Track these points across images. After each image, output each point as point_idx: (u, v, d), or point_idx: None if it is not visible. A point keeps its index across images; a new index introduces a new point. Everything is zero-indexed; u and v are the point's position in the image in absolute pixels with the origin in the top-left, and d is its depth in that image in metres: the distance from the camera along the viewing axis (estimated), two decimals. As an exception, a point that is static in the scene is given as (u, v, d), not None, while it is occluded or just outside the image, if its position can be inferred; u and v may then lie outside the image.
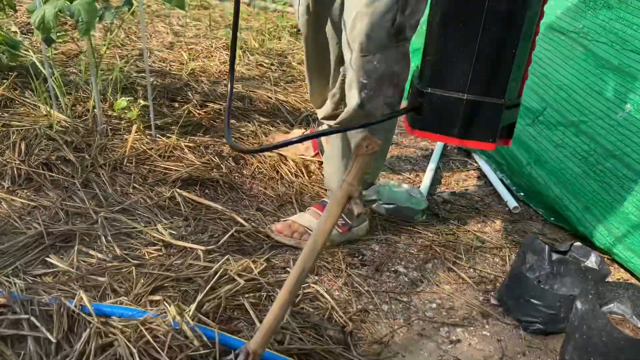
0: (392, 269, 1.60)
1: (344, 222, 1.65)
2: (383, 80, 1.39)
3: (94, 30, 1.79)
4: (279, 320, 1.04)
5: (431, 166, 2.19)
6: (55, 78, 1.93)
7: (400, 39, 1.35)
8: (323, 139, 2.05)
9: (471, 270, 1.65)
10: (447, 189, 2.13)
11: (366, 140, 0.96)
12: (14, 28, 2.53)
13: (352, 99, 1.46)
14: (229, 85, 1.46)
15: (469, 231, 1.84)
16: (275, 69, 2.87)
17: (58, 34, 1.85)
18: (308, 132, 2.11)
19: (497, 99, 0.98)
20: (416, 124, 1.05)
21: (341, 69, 1.86)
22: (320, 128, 2.09)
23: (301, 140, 1.12)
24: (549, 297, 1.38)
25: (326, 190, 1.95)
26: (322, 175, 2.04)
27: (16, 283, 1.21)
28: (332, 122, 2.01)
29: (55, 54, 2.44)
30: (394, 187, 1.91)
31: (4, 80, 2.02)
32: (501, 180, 2.17)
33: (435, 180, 2.16)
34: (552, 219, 1.96)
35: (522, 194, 2.11)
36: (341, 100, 1.93)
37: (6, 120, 1.80)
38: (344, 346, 1.27)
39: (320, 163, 2.10)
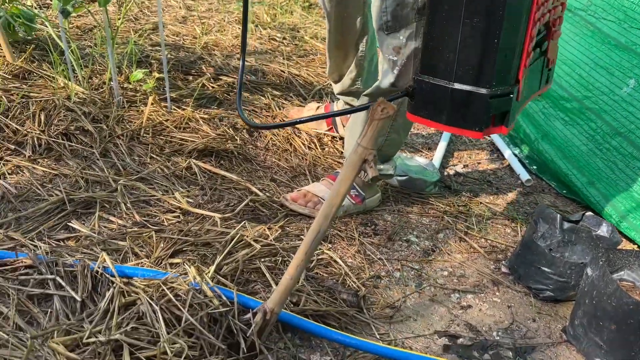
0: (404, 238, 1.63)
1: (357, 193, 1.68)
2: (412, 56, 1.40)
3: (109, 4, 1.81)
4: (295, 280, 1.08)
5: (444, 139, 2.20)
6: (72, 50, 1.95)
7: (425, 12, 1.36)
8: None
9: (482, 240, 1.67)
10: (459, 162, 2.14)
11: (381, 105, 0.98)
12: (29, 2, 2.55)
13: (385, 77, 1.47)
14: (240, 69, 1.49)
15: (481, 203, 1.86)
16: (288, 43, 2.87)
17: (74, 5, 1.86)
18: (322, 106, 2.12)
19: (484, 89, 0.97)
20: (409, 108, 1.09)
21: (360, 46, 1.87)
22: (336, 104, 2.10)
23: (315, 119, 1.13)
24: (559, 264, 1.40)
25: (341, 162, 1.97)
26: (335, 148, 2.06)
27: (41, 246, 1.25)
28: (347, 99, 2.02)
29: (70, 28, 2.45)
30: (406, 160, 1.92)
31: (22, 53, 2.05)
32: (514, 153, 2.18)
33: (448, 154, 2.18)
34: (565, 191, 1.97)
35: (534, 167, 2.12)
36: (358, 77, 1.94)
37: (25, 91, 1.83)
38: (357, 309, 1.30)
39: (333, 137, 2.11)
